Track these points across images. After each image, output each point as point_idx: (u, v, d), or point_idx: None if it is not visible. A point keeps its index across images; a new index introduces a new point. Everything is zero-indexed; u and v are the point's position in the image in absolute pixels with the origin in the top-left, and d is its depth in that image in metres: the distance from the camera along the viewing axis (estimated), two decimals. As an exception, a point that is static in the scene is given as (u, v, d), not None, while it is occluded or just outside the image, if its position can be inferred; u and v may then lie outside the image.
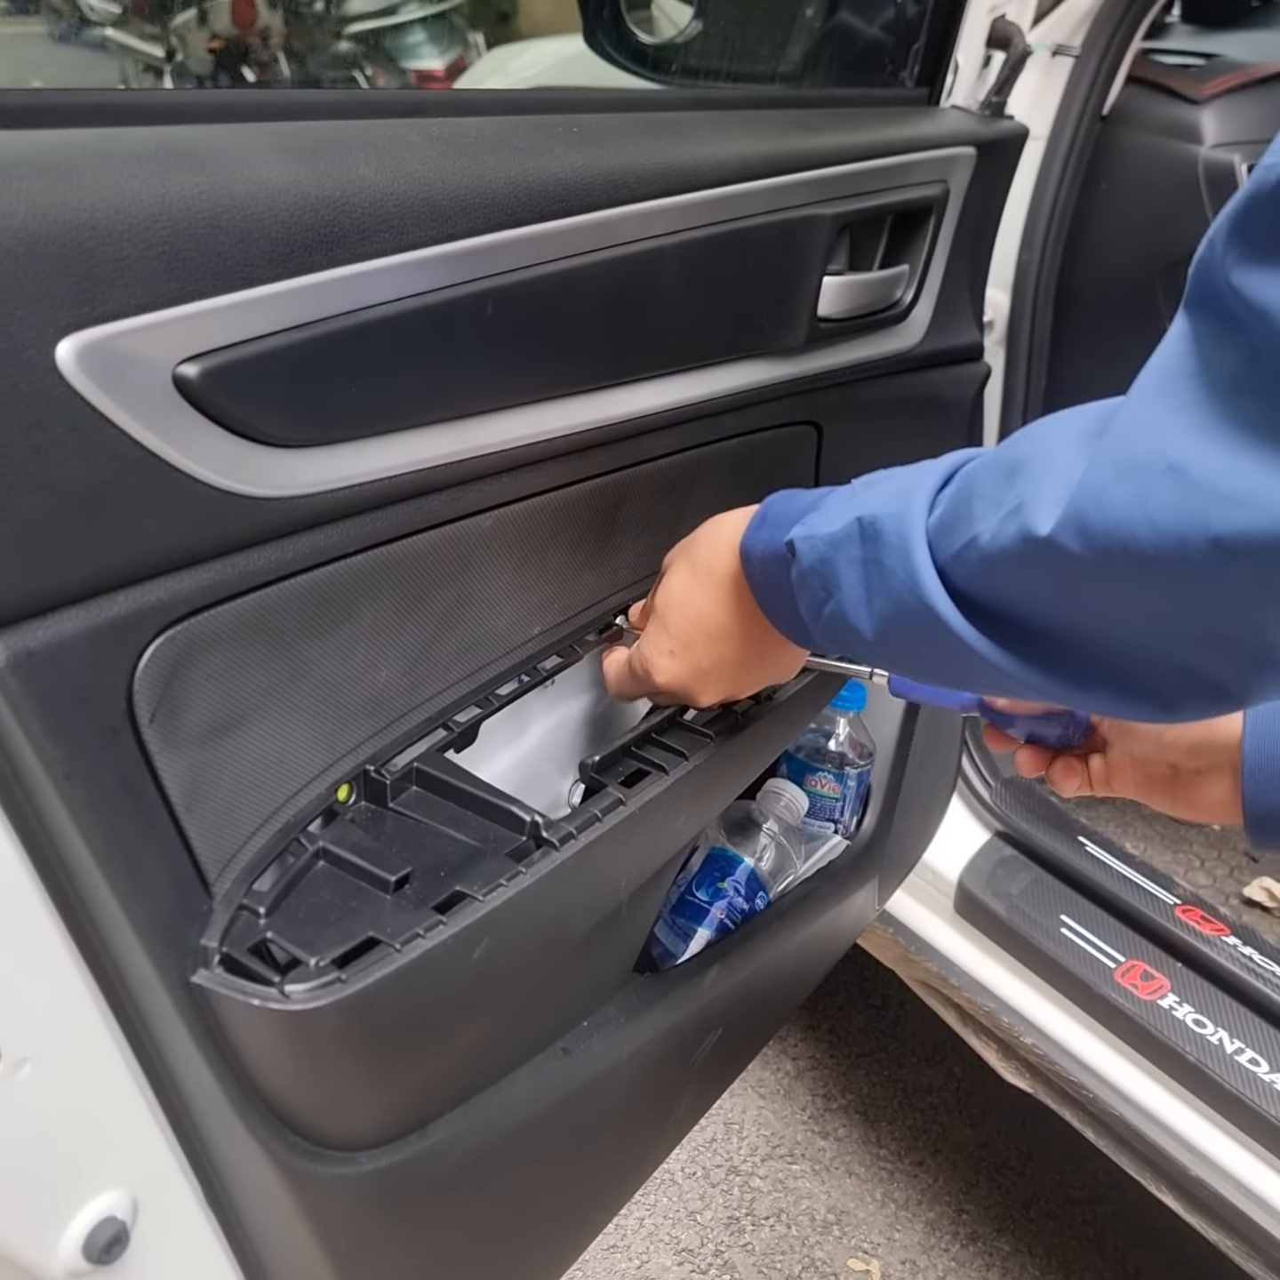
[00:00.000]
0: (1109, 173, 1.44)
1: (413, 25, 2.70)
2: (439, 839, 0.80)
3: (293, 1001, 0.67)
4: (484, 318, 0.74)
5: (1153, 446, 0.47)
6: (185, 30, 2.45)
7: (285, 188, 0.63)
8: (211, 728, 0.69)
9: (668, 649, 0.85)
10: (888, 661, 0.70)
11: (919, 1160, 1.85)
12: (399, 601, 0.79)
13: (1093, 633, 0.55)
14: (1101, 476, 0.49)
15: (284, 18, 2.64)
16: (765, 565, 0.75)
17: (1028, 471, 0.53)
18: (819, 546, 0.68)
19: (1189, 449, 0.45)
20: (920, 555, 0.60)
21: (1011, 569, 0.55)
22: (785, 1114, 1.91)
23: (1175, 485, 0.45)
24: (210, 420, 0.63)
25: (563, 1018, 0.94)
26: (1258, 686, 0.53)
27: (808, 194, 0.96)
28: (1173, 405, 0.47)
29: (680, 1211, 1.76)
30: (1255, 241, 0.43)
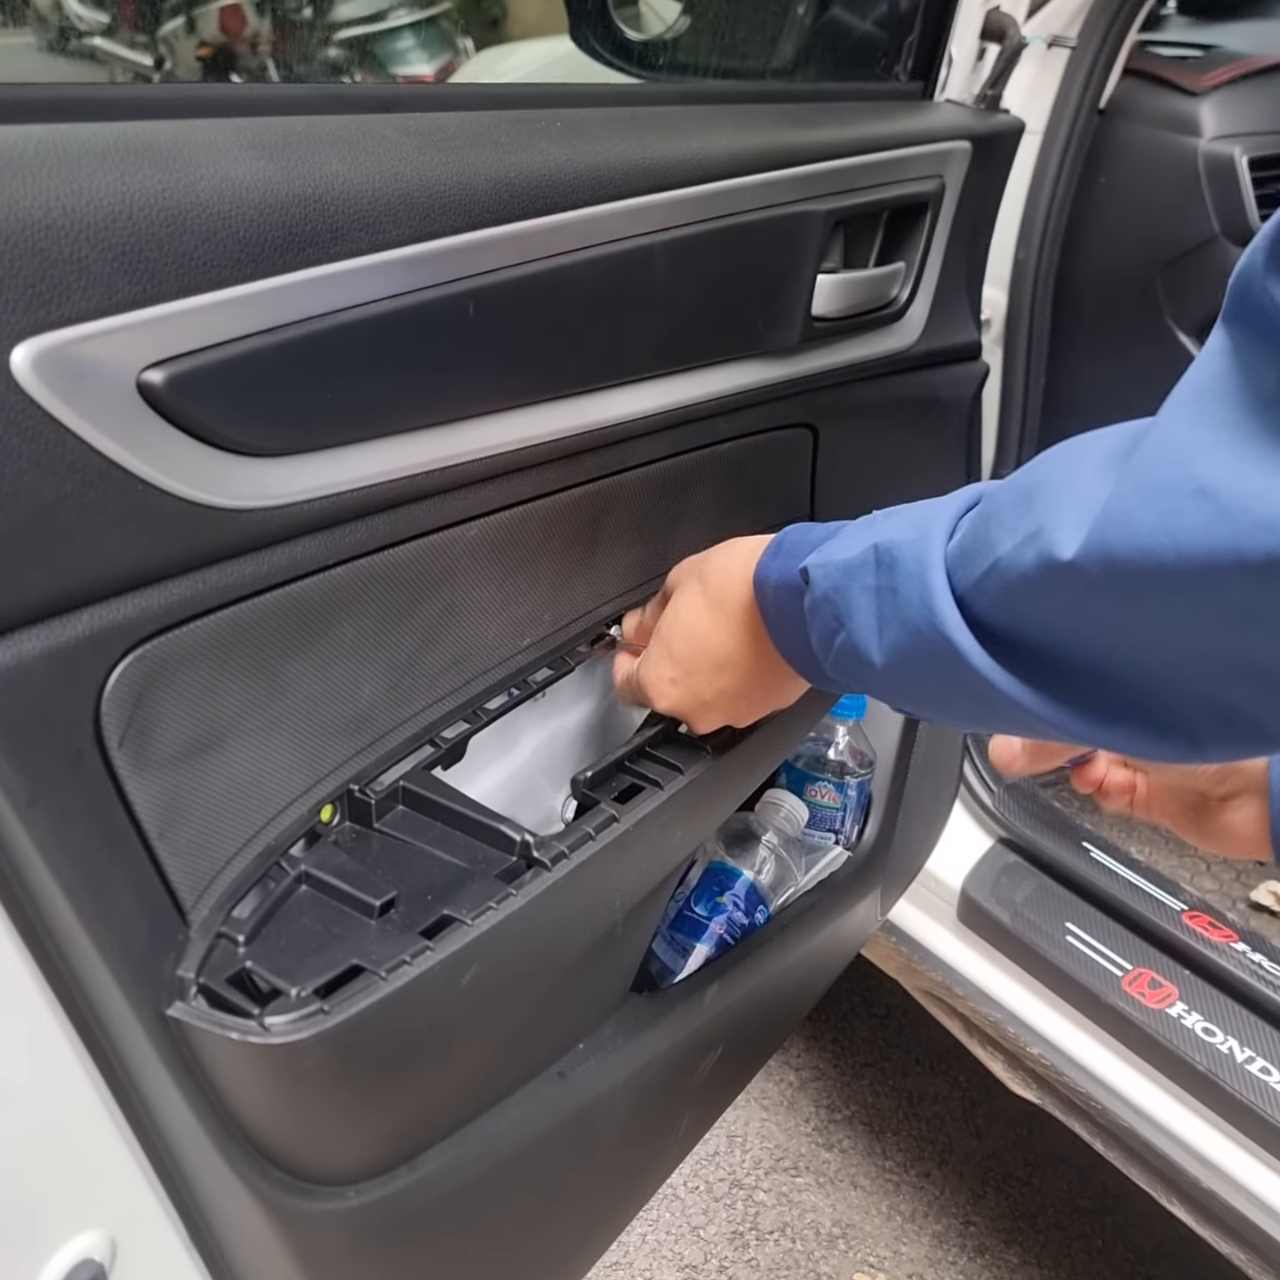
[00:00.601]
0: (1107, 167, 1.41)
1: (402, 31, 2.68)
2: (426, 860, 0.77)
3: (273, 1034, 0.64)
4: (465, 319, 0.72)
5: (1182, 468, 0.44)
6: (174, 38, 2.42)
7: (253, 185, 0.60)
8: (185, 749, 0.66)
9: (669, 675, 0.83)
10: (900, 696, 0.67)
11: (925, 1171, 1.82)
12: (381, 615, 0.76)
13: (1117, 664, 0.52)
14: (1127, 499, 0.46)
15: (272, 25, 2.62)
16: (778, 595, 0.73)
17: (1048, 494, 0.51)
18: (833, 574, 0.65)
19: (1221, 470, 0.43)
20: (938, 582, 0.57)
21: (1032, 595, 0.52)
22: (789, 1126, 1.88)
23: (1204, 509, 0.43)
24: (178, 429, 0.60)
25: (558, 1041, 0.91)
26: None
27: (800, 189, 0.93)
28: (1206, 424, 0.44)
29: (683, 1227, 1.73)
30: None
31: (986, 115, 1.19)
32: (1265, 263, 0.41)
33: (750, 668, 0.79)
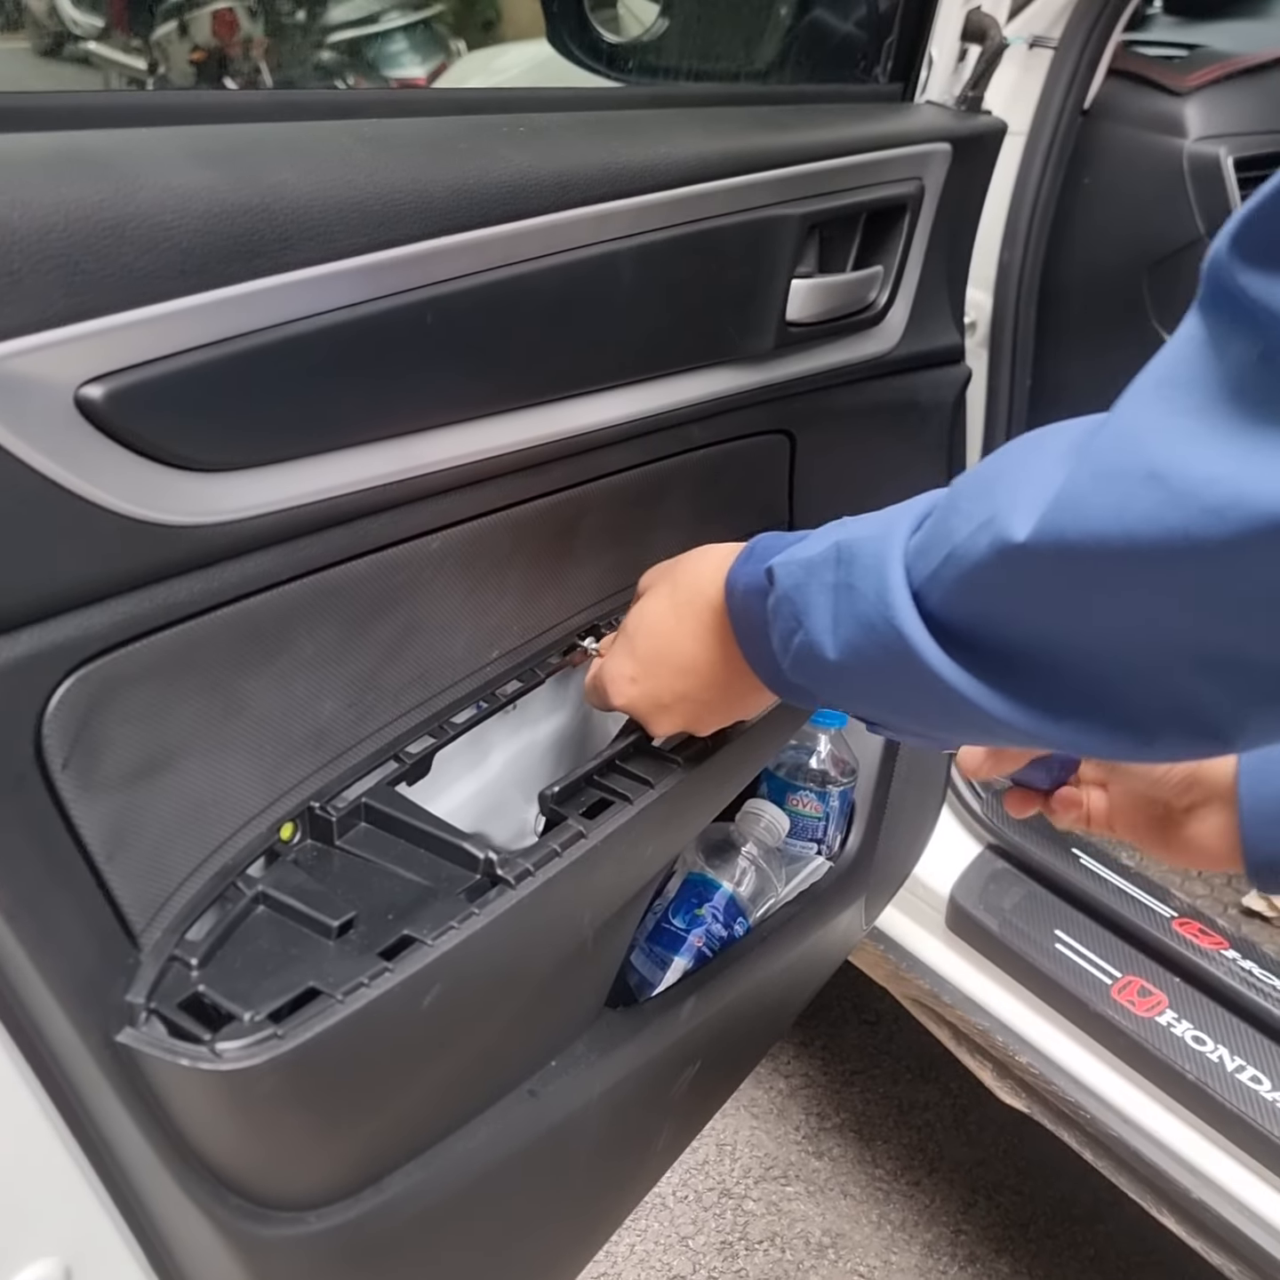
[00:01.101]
0: (1092, 168, 1.40)
1: (394, 33, 2.67)
2: (388, 879, 0.76)
3: (224, 1060, 0.63)
4: (423, 329, 0.70)
5: (1136, 452, 0.43)
6: (167, 42, 2.41)
7: (198, 194, 0.59)
8: (135, 770, 0.65)
9: (630, 674, 0.81)
10: (854, 698, 0.65)
11: (915, 1180, 1.81)
12: (341, 629, 0.75)
13: (1068, 654, 0.51)
14: (1080, 484, 0.45)
15: (265, 28, 2.61)
16: (746, 598, 0.71)
17: (1006, 482, 0.50)
18: (795, 571, 0.64)
19: (1175, 455, 0.42)
20: (895, 577, 0.56)
21: (985, 583, 0.51)
22: (779, 1134, 1.86)
23: (1156, 493, 0.42)
24: (120, 444, 0.58)
25: (528, 1059, 0.89)
26: (1247, 720, 0.48)
27: (773, 193, 0.92)
28: (1165, 410, 0.43)
29: (672, 1237, 1.72)
30: (1263, 247, 0.40)
31: (967, 117, 1.17)
32: (1229, 248, 0.41)
33: (712, 674, 0.77)
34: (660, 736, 0.85)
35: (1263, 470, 0.39)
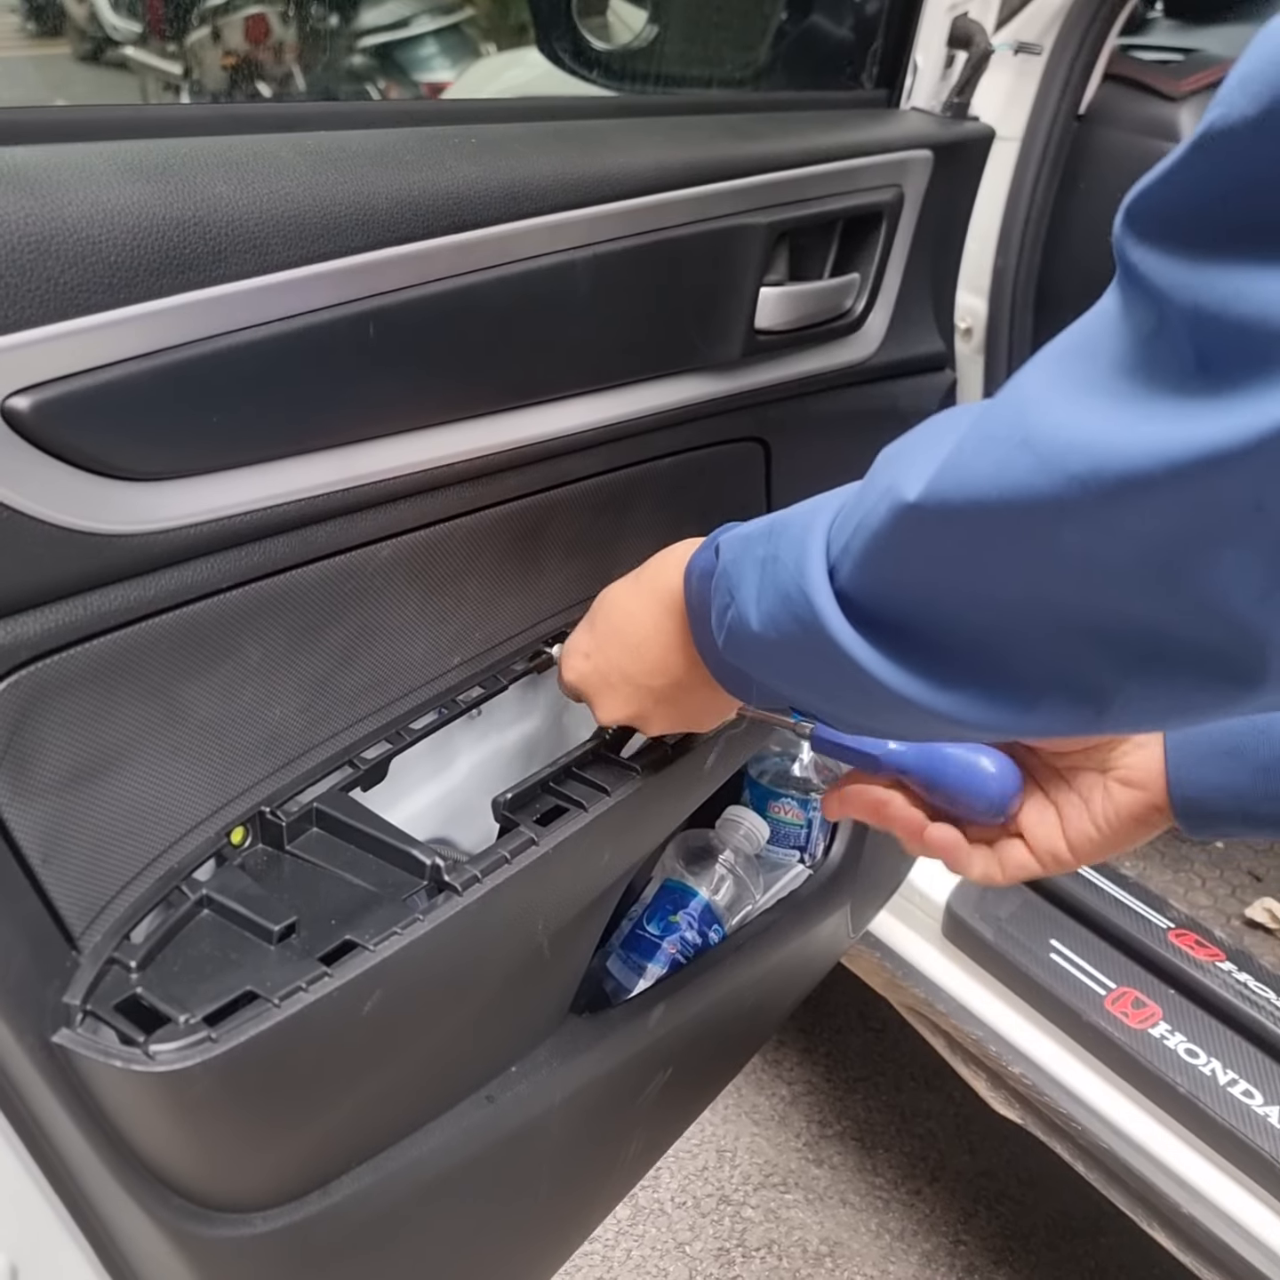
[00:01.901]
0: (1086, 173, 1.39)
1: (426, 38, 2.69)
2: (335, 884, 0.76)
3: (157, 1062, 0.64)
4: (365, 340, 0.71)
5: (1017, 420, 0.44)
6: (200, 48, 2.44)
7: (126, 209, 0.60)
8: (72, 775, 0.65)
9: (584, 649, 0.82)
10: (777, 675, 0.65)
11: (915, 1189, 1.80)
12: (289, 636, 0.75)
13: (956, 621, 0.52)
14: (965, 451, 0.46)
15: (298, 33, 2.63)
16: (700, 581, 0.71)
17: (911, 451, 0.50)
18: (735, 546, 0.65)
19: (1046, 422, 0.42)
20: (814, 547, 0.56)
21: (881, 548, 0.51)
22: (779, 1141, 1.86)
23: (1026, 459, 0.43)
24: (49, 455, 0.59)
25: (485, 1065, 0.90)
26: (1125, 685, 0.48)
27: (737, 202, 0.92)
28: (1054, 379, 0.44)
29: (669, 1243, 1.72)
30: (1152, 223, 0.40)
31: (951, 123, 1.17)
32: (1122, 224, 0.41)
33: (663, 660, 0.77)
34: (604, 723, 0.84)
35: (1121, 434, 0.40)
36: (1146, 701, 0.49)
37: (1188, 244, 0.39)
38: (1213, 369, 0.38)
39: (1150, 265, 0.40)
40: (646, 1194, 1.78)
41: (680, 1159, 1.83)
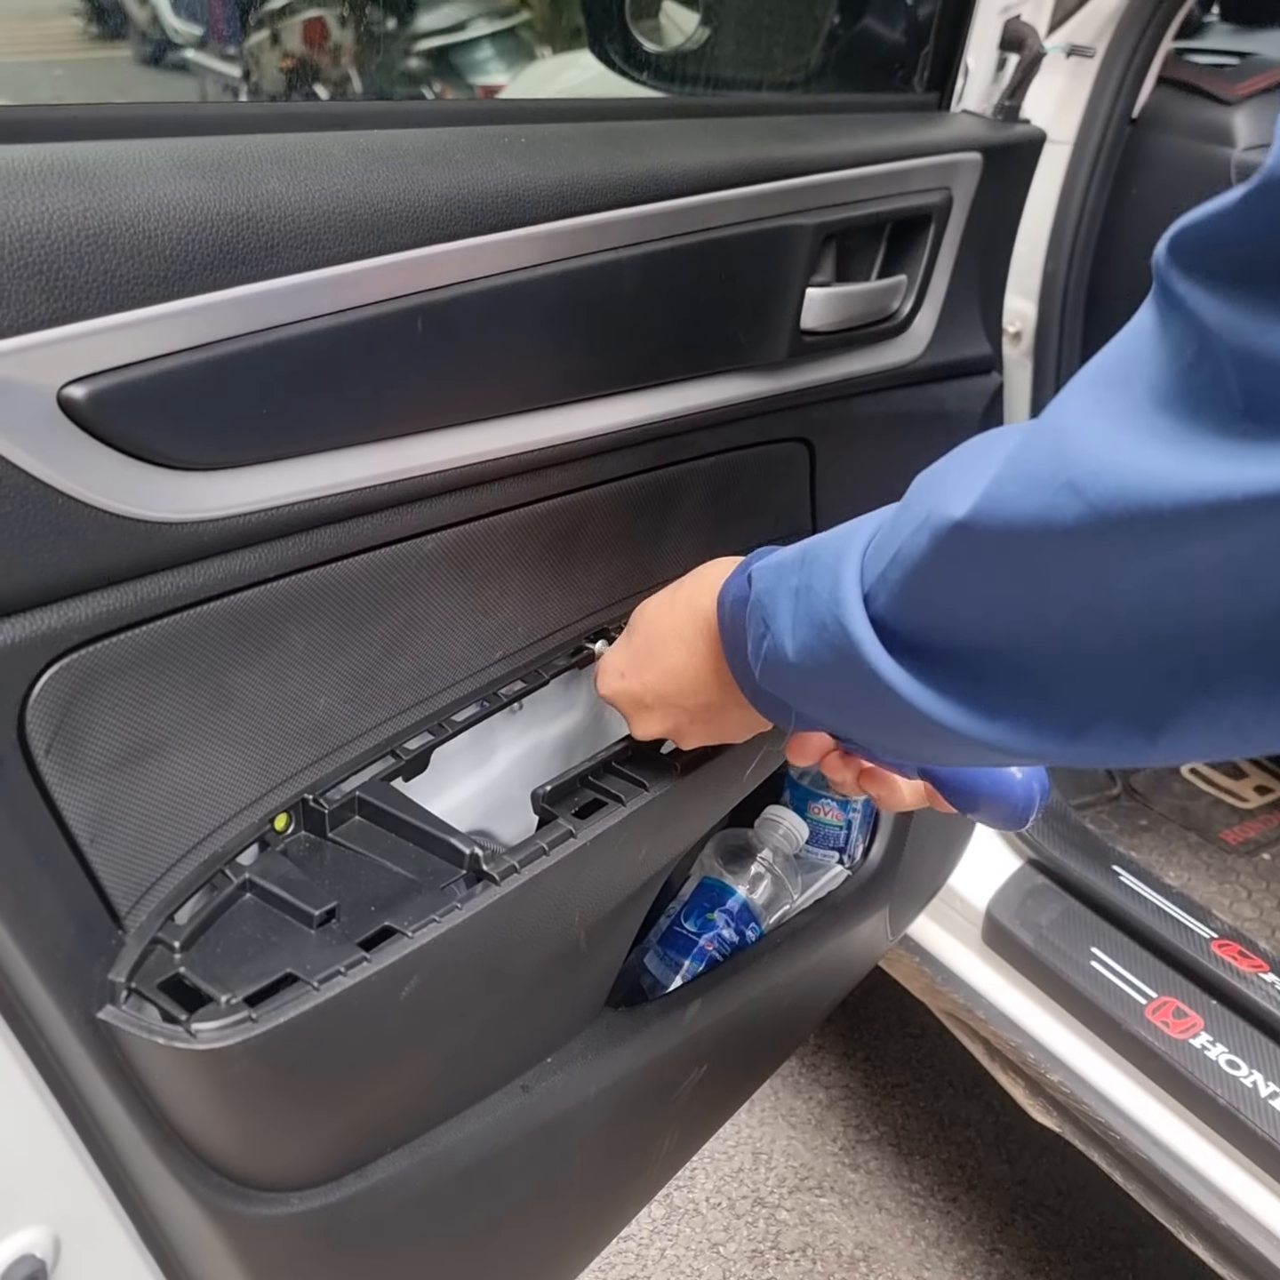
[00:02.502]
0: (1139, 178, 1.38)
1: (482, 41, 2.71)
2: (375, 871, 0.77)
3: (199, 1040, 0.65)
4: (414, 335, 0.72)
5: (1056, 459, 0.44)
6: (259, 50, 2.48)
7: (181, 204, 0.61)
8: (121, 757, 0.67)
9: (620, 668, 0.83)
10: (816, 705, 0.65)
11: (952, 1196, 1.79)
12: (334, 626, 0.77)
13: (1006, 646, 0.51)
14: (1005, 484, 0.46)
15: (355, 36, 2.66)
16: (734, 607, 0.71)
17: (950, 478, 0.50)
18: (767, 575, 0.65)
19: (1088, 461, 0.42)
20: (848, 575, 0.57)
21: (922, 577, 0.52)
22: (815, 1145, 1.86)
23: (1074, 504, 0.42)
24: (103, 443, 0.61)
25: (522, 1055, 0.91)
26: (1181, 709, 0.48)
27: (785, 203, 0.92)
28: (1091, 411, 0.44)
29: (703, 1243, 1.72)
30: (1197, 257, 0.40)
31: (1002, 126, 1.17)
32: (1167, 253, 0.41)
33: (696, 682, 0.78)
34: (640, 738, 0.85)
35: (1170, 474, 0.40)
36: (1203, 726, 0.48)
37: (1241, 286, 0.38)
38: (1264, 415, 0.38)
39: (1197, 300, 0.40)
40: (681, 1194, 1.78)
41: (716, 1160, 1.83)
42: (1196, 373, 0.40)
